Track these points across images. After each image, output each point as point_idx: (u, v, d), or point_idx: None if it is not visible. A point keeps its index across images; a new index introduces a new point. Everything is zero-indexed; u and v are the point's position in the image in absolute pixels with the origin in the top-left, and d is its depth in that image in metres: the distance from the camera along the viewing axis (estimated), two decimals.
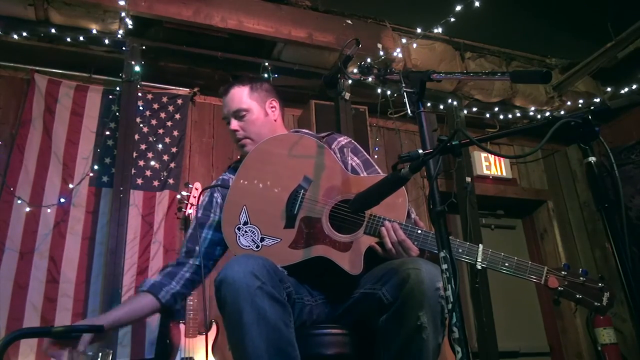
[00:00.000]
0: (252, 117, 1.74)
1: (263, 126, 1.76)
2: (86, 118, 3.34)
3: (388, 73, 1.39)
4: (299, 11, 3.63)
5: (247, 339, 1.19)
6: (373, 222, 1.47)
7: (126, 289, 2.99)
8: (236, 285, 1.22)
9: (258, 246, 1.49)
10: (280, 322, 1.23)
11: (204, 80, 3.72)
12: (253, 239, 1.50)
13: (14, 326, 2.76)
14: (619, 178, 1.03)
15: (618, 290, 3.59)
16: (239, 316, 1.20)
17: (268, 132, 1.75)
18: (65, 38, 3.20)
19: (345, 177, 1.58)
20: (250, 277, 1.22)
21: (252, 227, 1.51)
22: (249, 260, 1.28)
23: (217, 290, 1.26)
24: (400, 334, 1.29)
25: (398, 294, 1.31)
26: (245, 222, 1.52)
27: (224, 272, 1.26)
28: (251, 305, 1.20)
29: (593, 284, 1.34)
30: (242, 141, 1.74)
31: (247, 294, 1.21)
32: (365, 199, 1.30)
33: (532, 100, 4.39)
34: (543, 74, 1.03)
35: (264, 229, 1.51)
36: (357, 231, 1.48)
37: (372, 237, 1.46)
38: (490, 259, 1.40)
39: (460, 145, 1.09)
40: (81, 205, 3.16)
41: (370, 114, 3.95)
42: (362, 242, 1.46)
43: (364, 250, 1.44)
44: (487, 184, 4.41)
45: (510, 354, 4.05)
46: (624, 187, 4.30)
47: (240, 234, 1.51)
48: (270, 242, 1.49)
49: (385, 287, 1.36)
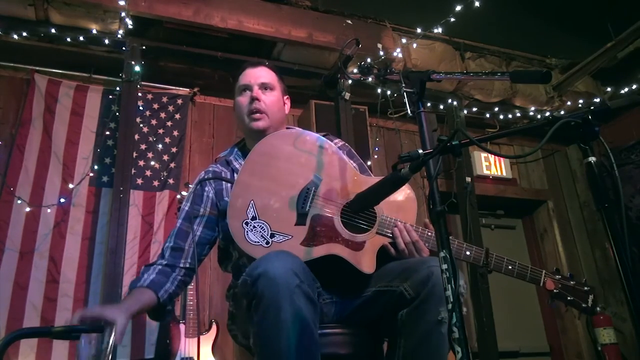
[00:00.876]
0: (274, 97, 1.70)
1: (280, 112, 1.72)
2: (86, 118, 3.34)
3: (388, 73, 1.39)
4: (299, 11, 3.63)
5: (282, 336, 1.18)
6: (384, 223, 1.49)
7: (126, 288, 2.99)
8: (277, 282, 1.20)
9: (268, 242, 1.43)
10: (312, 322, 1.23)
11: (204, 80, 3.72)
12: (262, 235, 1.44)
13: (14, 326, 2.76)
14: (619, 178, 1.03)
15: (618, 290, 3.61)
16: (277, 313, 1.19)
17: (280, 120, 1.72)
18: (65, 38, 3.20)
19: (355, 177, 1.58)
20: (291, 274, 1.21)
21: (261, 223, 1.45)
22: (288, 257, 1.27)
23: (252, 283, 1.23)
24: (421, 327, 1.34)
25: (421, 290, 1.36)
26: (253, 217, 1.46)
27: (263, 266, 1.23)
28: (290, 303, 1.19)
29: (581, 287, 1.46)
30: (258, 115, 1.65)
31: (287, 291, 1.19)
32: (365, 199, 1.30)
33: (532, 100, 4.39)
34: (543, 74, 1.03)
35: (273, 225, 1.45)
36: (370, 231, 1.50)
37: (383, 237, 1.48)
38: (495, 264, 1.50)
39: (460, 145, 1.09)
40: (81, 205, 3.16)
41: (370, 114, 3.95)
42: (375, 242, 1.48)
43: (377, 250, 1.46)
44: (487, 184, 4.41)
45: (510, 354, 4.06)
46: (624, 187, 4.30)
47: (249, 229, 1.44)
48: (281, 238, 1.44)
49: (407, 283, 1.40)
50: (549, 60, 4.53)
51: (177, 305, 2.97)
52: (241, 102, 1.69)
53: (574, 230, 4.63)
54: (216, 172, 1.69)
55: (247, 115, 1.67)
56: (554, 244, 4.58)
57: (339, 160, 1.58)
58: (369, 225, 1.50)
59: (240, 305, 1.34)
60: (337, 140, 1.79)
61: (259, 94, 1.66)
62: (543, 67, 4.49)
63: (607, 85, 4.57)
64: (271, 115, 1.67)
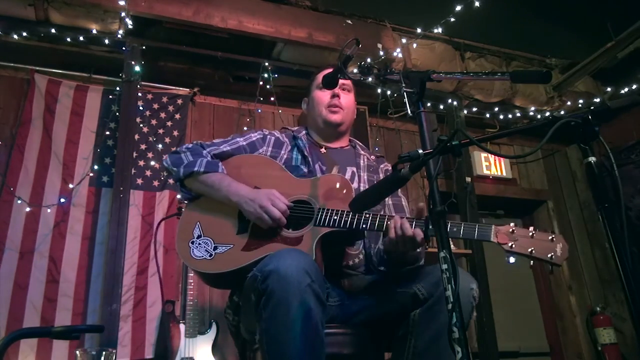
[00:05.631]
0: (351, 99, 1.87)
1: (353, 113, 1.89)
2: (86, 118, 3.34)
3: (388, 73, 1.39)
4: (299, 11, 3.63)
5: (291, 334, 1.19)
6: (322, 215, 1.51)
7: (126, 288, 3.00)
8: (288, 279, 1.21)
9: (211, 254, 1.52)
10: (320, 322, 1.24)
11: (204, 80, 3.72)
12: (206, 249, 1.53)
13: (14, 326, 2.76)
14: (619, 178, 1.03)
15: (618, 290, 3.57)
16: (286, 311, 1.19)
17: (352, 120, 1.89)
18: (65, 38, 3.20)
19: (293, 181, 1.64)
20: (303, 273, 1.22)
21: (205, 239, 1.56)
22: (301, 255, 1.28)
23: (263, 279, 1.24)
24: (433, 326, 1.36)
25: (434, 291, 1.38)
26: (199, 235, 1.57)
27: (274, 263, 1.24)
28: (300, 301, 1.20)
29: (543, 236, 1.29)
30: (337, 109, 1.80)
31: (298, 290, 1.20)
32: (365, 199, 1.30)
33: (532, 100, 4.39)
34: (543, 74, 1.03)
35: (217, 239, 1.55)
36: (307, 225, 1.52)
37: (322, 228, 1.50)
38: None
39: (460, 145, 1.09)
40: (81, 205, 3.16)
41: (370, 114, 3.95)
42: (313, 234, 1.50)
43: (316, 241, 1.47)
44: (487, 184, 4.41)
45: (510, 354, 4.06)
46: (624, 187, 4.30)
47: (194, 247, 1.54)
48: (224, 249, 1.52)
49: (421, 284, 1.42)
50: (549, 60, 4.53)
51: (177, 305, 2.97)
52: (320, 96, 1.84)
53: (574, 230, 4.63)
54: (279, 139, 1.80)
55: (325, 108, 1.81)
56: None
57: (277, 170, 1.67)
58: (308, 220, 1.53)
59: (248, 298, 1.34)
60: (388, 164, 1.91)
61: (340, 93, 1.82)
62: (543, 67, 4.49)
63: (607, 85, 4.57)
64: (346, 112, 1.82)
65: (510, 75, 1.12)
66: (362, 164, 1.81)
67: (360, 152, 1.86)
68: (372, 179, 1.78)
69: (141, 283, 3.09)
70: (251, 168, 1.69)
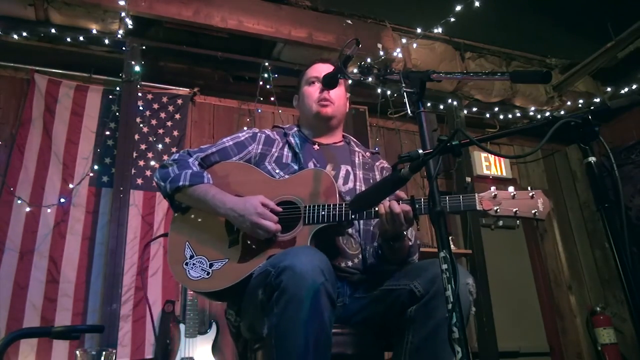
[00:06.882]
0: (340, 91, 1.83)
1: (343, 105, 1.86)
2: (86, 118, 3.34)
3: (388, 73, 1.38)
4: (299, 11, 3.63)
5: (301, 332, 1.18)
6: (310, 212, 1.50)
7: (126, 288, 3.00)
8: (303, 277, 1.20)
9: (209, 273, 1.50)
10: (329, 322, 1.24)
11: (204, 80, 3.72)
12: (202, 268, 1.52)
13: (14, 326, 2.76)
14: (619, 178, 1.03)
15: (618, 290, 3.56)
16: (298, 308, 1.19)
17: (343, 113, 1.86)
18: (65, 38, 3.20)
19: (273, 183, 1.61)
20: (318, 272, 1.22)
21: (199, 258, 1.54)
22: (316, 254, 1.28)
23: (277, 275, 1.23)
24: (431, 322, 1.35)
25: (430, 287, 1.38)
26: (191, 256, 1.55)
27: (290, 259, 1.24)
28: (313, 300, 1.19)
29: (523, 195, 1.33)
30: (327, 102, 1.78)
31: (312, 288, 1.20)
32: (365, 199, 1.30)
33: (532, 100, 4.40)
34: (543, 74, 1.03)
35: (210, 256, 1.53)
36: (297, 225, 1.51)
37: (312, 225, 1.49)
38: (424, 207, 1.42)
39: (460, 145, 1.08)
40: (81, 205, 3.16)
41: (370, 114, 3.95)
42: (305, 233, 1.49)
43: (309, 239, 1.47)
44: (487, 183, 4.40)
45: (510, 354, 4.05)
46: (624, 187, 4.30)
47: (189, 268, 1.53)
48: (219, 264, 1.51)
49: (417, 280, 1.42)
50: (549, 60, 4.53)
51: (177, 305, 2.97)
52: (310, 91, 1.82)
53: (574, 230, 4.63)
54: (269, 137, 1.78)
55: (315, 102, 1.79)
56: (554, 244, 4.58)
57: (255, 174, 1.65)
58: (297, 220, 1.52)
59: (253, 294, 1.34)
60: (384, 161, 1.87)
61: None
62: (543, 67, 4.49)
63: (607, 85, 4.57)
64: (336, 106, 1.80)
65: (510, 75, 1.12)
66: (357, 162, 1.79)
67: (355, 149, 1.85)
68: (368, 176, 1.77)
69: (141, 283, 3.09)
70: (233, 176, 1.66)
